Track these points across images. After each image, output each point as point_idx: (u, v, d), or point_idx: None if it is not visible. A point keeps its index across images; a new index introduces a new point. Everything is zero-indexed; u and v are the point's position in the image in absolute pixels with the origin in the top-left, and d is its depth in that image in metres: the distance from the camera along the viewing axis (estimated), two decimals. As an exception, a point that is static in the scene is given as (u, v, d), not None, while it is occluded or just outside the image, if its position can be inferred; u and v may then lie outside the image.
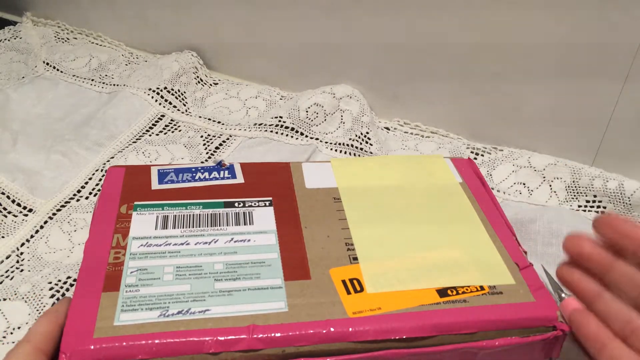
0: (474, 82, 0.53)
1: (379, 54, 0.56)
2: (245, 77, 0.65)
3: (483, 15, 0.49)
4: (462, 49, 0.51)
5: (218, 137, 0.56)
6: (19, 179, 0.51)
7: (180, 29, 0.65)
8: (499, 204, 0.44)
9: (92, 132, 0.56)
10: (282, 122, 0.57)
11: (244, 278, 0.35)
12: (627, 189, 0.48)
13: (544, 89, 0.50)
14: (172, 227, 0.38)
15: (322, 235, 0.39)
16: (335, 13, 0.55)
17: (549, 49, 0.48)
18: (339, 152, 0.55)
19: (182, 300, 0.33)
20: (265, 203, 0.41)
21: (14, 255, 0.44)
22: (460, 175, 0.46)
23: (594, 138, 0.51)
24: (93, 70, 0.66)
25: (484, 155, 0.55)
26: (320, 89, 0.59)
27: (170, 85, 0.61)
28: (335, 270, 0.36)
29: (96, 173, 0.52)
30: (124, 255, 0.36)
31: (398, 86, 0.57)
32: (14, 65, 0.66)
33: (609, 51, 0.46)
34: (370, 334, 0.32)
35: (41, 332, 0.30)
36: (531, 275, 0.37)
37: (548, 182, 0.51)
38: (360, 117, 0.57)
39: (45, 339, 0.29)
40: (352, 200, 0.42)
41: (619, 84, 0.47)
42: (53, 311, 0.31)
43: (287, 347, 0.31)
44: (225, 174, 0.44)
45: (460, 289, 0.35)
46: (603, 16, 0.45)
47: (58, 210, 0.48)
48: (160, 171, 0.43)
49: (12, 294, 0.41)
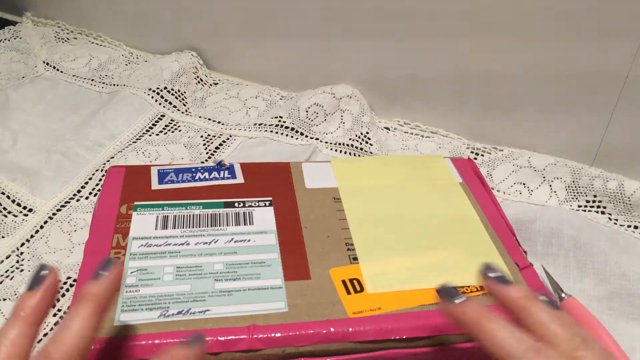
0: (474, 82, 0.53)
1: (380, 54, 0.56)
2: (245, 77, 0.65)
3: (483, 15, 0.49)
4: (463, 49, 0.51)
5: (218, 137, 0.56)
6: (19, 179, 0.51)
7: (180, 29, 0.65)
8: (499, 204, 0.44)
9: (92, 132, 0.56)
10: (282, 122, 0.57)
11: (244, 278, 0.35)
12: (627, 189, 0.48)
13: (544, 89, 0.50)
14: (172, 227, 0.38)
15: (322, 235, 0.39)
16: (336, 13, 0.55)
17: (549, 49, 0.48)
18: (339, 152, 0.55)
19: (182, 301, 0.33)
20: (265, 203, 0.41)
21: (14, 255, 0.44)
22: (460, 175, 0.46)
23: (594, 138, 0.51)
24: (93, 70, 0.66)
25: (484, 155, 0.55)
26: (320, 89, 0.59)
27: (170, 85, 0.61)
28: (335, 270, 0.36)
29: (96, 173, 0.52)
30: (124, 256, 0.36)
31: (398, 86, 0.57)
32: (14, 65, 0.66)
33: (609, 51, 0.46)
34: (370, 334, 0.32)
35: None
36: (531, 275, 0.37)
37: (548, 182, 0.51)
38: (360, 117, 0.57)
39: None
40: (352, 200, 0.42)
41: (619, 84, 0.47)
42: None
43: (287, 347, 0.31)
44: (225, 174, 0.44)
45: (460, 289, 0.35)
46: (604, 15, 0.45)
47: (58, 210, 0.48)
48: (160, 171, 0.43)
49: (12, 294, 0.41)
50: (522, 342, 0.25)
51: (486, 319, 0.26)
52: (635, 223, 0.47)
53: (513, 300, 0.27)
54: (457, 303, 0.28)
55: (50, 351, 0.24)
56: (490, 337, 0.26)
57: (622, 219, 0.48)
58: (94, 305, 0.26)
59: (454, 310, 0.28)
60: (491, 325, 0.26)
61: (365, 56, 0.57)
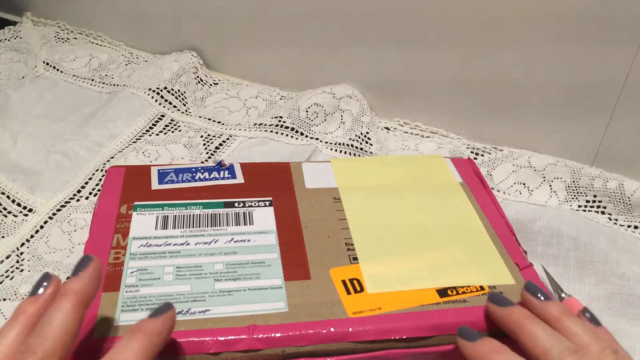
0: (474, 82, 0.53)
1: (379, 54, 0.56)
2: (245, 77, 0.65)
3: (484, 16, 0.49)
4: (463, 50, 0.51)
5: (218, 137, 0.56)
6: (19, 179, 0.51)
7: (180, 29, 0.65)
8: (499, 204, 0.44)
9: (92, 132, 0.56)
10: (282, 122, 0.57)
11: (244, 278, 0.35)
12: (627, 189, 0.48)
13: (544, 89, 0.50)
14: (172, 227, 0.38)
15: (322, 235, 0.39)
16: (336, 13, 0.55)
17: (549, 49, 0.48)
18: (339, 152, 0.55)
19: (182, 301, 0.33)
20: (265, 203, 0.41)
21: (14, 255, 0.44)
22: (460, 175, 0.46)
23: (594, 138, 0.51)
24: (93, 70, 0.66)
25: (484, 155, 0.55)
26: (320, 89, 0.59)
27: (170, 85, 0.61)
28: (335, 270, 0.36)
29: (96, 173, 0.52)
30: (124, 256, 0.36)
31: (398, 86, 0.57)
32: (14, 65, 0.66)
33: (609, 50, 0.46)
34: (370, 334, 0.32)
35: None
36: (531, 275, 0.37)
37: (548, 182, 0.51)
38: (360, 117, 0.57)
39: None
40: (352, 200, 0.42)
41: (619, 84, 0.47)
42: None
43: (287, 347, 0.31)
44: (225, 174, 0.44)
45: (460, 289, 0.35)
46: (604, 12, 0.45)
47: (58, 210, 0.48)
48: (160, 171, 0.43)
49: (12, 294, 0.41)
50: (561, 342, 0.28)
51: (529, 320, 0.30)
52: (635, 223, 0.47)
53: (552, 315, 0.31)
54: (506, 307, 0.31)
55: (34, 346, 0.24)
56: (531, 336, 0.29)
57: (622, 219, 0.48)
58: (75, 301, 0.26)
59: (501, 312, 0.32)
60: (533, 326, 0.29)
61: (365, 56, 0.57)
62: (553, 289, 0.41)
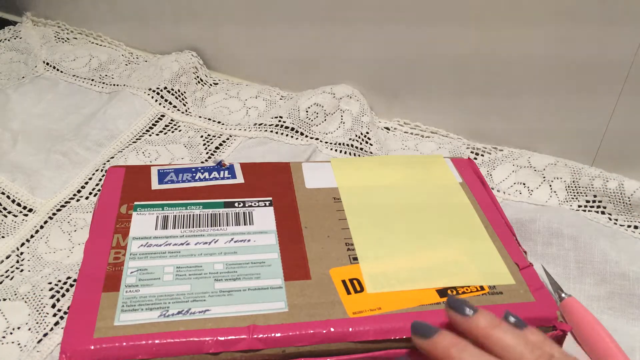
0: (474, 82, 0.53)
1: (379, 54, 0.56)
2: (245, 77, 0.65)
3: (484, 15, 0.49)
4: (463, 49, 0.51)
5: (218, 137, 0.56)
6: (19, 179, 0.51)
7: (180, 29, 0.65)
8: (499, 204, 0.44)
9: (92, 132, 0.56)
10: (282, 122, 0.57)
11: (244, 278, 0.35)
12: (627, 189, 0.48)
13: (544, 89, 0.50)
14: (172, 227, 0.38)
15: (322, 235, 0.39)
16: (336, 13, 0.55)
17: (549, 50, 0.48)
18: (339, 152, 0.55)
19: (182, 301, 0.33)
20: (265, 203, 0.41)
21: (14, 255, 0.44)
22: (460, 175, 0.46)
23: (594, 138, 0.51)
24: (93, 70, 0.66)
25: (484, 155, 0.55)
26: (320, 89, 0.59)
27: (170, 85, 0.61)
28: (335, 270, 0.36)
29: (96, 173, 0.52)
30: (124, 256, 0.36)
31: (398, 86, 0.57)
32: (14, 65, 0.66)
33: (609, 50, 0.46)
34: (370, 334, 0.32)
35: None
36: (531, 275, 0.37)
37: (548, 182, 0.51)
38: (360, 117, 0.57)
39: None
40: (352, 200, 0.42)
41: (619, 84, 0.47)
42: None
43: (287, 347, 0.31)
44: (225, 174, 0.44)
45: (460, 289, 0.35)
46: (605, 12, 0.45)
47: (58, 210, 0.48)
48: (160, 171, 0.43)
49: (12, 294, 0.41)
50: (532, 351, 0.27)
51: (457, 350, 0.27)
52: (635, 223, 0.47)
53: (479, 332, 0.29)
54: (468, 316, 0.29)
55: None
56: (500, 345, 0.27)
57: (622, 219, 0.48)
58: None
59: (425, 345, 0.29)
60: (499, 333, 0.28)
61: (365, 56, 0.57)
62: (553, 289, 0.41)
